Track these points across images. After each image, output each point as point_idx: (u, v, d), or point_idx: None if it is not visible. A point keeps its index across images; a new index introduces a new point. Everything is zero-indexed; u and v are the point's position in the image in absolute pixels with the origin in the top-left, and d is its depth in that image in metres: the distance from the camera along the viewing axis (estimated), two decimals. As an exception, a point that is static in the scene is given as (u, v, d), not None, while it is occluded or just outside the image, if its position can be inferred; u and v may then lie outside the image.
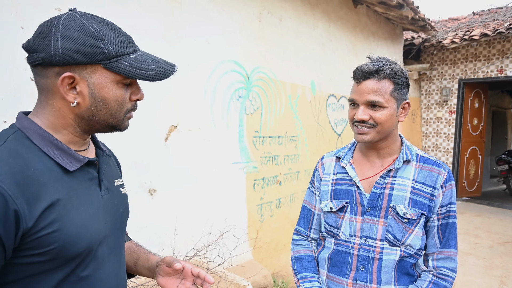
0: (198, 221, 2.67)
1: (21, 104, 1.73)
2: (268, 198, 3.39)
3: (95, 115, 0.73)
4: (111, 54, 0.70)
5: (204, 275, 0.86)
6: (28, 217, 0.63)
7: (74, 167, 0.72)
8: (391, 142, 1.15)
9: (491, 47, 6.13)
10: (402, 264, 1.12)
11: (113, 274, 0.81)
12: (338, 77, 4.40)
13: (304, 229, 1.32)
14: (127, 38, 0.74)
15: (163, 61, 0.77)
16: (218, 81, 2.83)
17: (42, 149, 0.69)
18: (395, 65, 1.09)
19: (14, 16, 1.71)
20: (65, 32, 0.67)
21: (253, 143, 3.19)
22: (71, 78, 0.69)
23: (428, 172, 1.11)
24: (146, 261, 0.95)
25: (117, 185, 0.88)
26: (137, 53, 0.75)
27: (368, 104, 1.08)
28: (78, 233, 0.69)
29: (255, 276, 2.77)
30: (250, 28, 3.13)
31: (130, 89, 0.76)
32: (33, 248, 0.65)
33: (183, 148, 2.55)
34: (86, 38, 0.68)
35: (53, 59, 0.67)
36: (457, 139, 6.63)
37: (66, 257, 0.69)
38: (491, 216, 5.71)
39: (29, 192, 0.64)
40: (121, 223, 0.86)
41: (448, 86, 6.67)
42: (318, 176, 1.28)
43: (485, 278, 3.44)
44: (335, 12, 4.27)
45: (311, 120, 3.97)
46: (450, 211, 1.11)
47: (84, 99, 0.71)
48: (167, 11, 2.42)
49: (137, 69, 0.72)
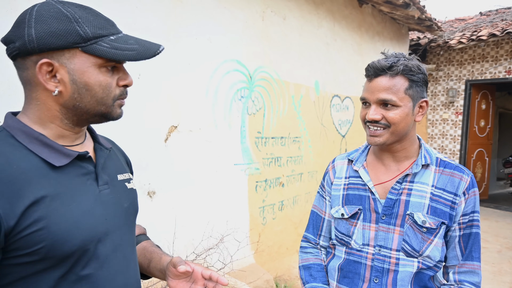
0: (199, 224, 2.61)
1: (16, 103, 1.68)
2: (270, 200, 3.33)
3: (80, 103, 0.70)
4: (88, 36, 0.67)
5: (217, 277, 0.82)
6: (10, 216, 0.61)
7: (62, 162, 0.69)
8: (408, 144, 1.07)
9: (499, 47, 6.03)
10: (419, 277, 1.04)
11: (120, 272, 0.77)
12: (342, 77, 4.33)
13: (313, 236, 1.24)
14: (106, 20, 0.71)
15: (147, 41, 0.74)
16: (220, 80, 2.77)
17: (27, 147, 0.67)
18: (411, 60, 1.01)
19: (10, 13, 1.66)
20: (38, 17, 0.65)
21: (256, 144, 3.13)
22: (50, 65, 0.66)
23: (449, 178, 1.04)
24: (158, 262, 0.91)
25: (121, 179, 0.84)
26: (118, 34, 0.72)
27: (380, 103, 1.00)
28: (68, 231, 0.67)
29: (257, 281, 2.71)
30: (253, 27, 3.07)
31: (116, 74, 0.73)
32: (20, 248, 0.63)
33: (184, 149, 2.50)
34: (60, 22, 0.65)
35: (28, 46, 0.65)
36: (464, 141, 6.53)
37: (58, 256, 0.66)
38: (499, 220, 5.61)
39: (9, 190, 0.62)
40: (126, 219, 0.82)
41: (455, 87, 6.56)
42: (329, 179, 1.21)
43: (494, 284, 3.35)
44: (339, 11, 4.21)
45: (314, 121, 3.91)
46: (473, 220, 1.03)
47: (65, 86, 0.68)
48: (168, 9, 2.36)
49: (118, 50, 0.69)
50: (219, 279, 0.82)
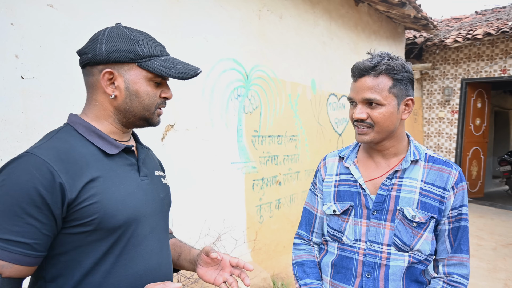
0: (196, 222, 2.62)
1: (12, 103, 1.68)
2: (267, 198, 3.34)
3: (130, 107, 0.85)
4: (145, 54, 0.84)
5: (244, 263, 0.92)
6: (72, 189, 0.75)
7: (113, 151, 0.84)
8: (396, 142, 1.09)
9: (494, 46, 6.06)
10: (411, 271, 1.06)
11: (155, 252, 0.88)
12: (339, 76, 4.34)
13: (305, 233, 1.26)
14: (159, 44, 0.89)
15: (188, 64, 0.90)
16: (217, 79, 2.77)
17: (87, 138, 0.83)
18: (395, 60, 1.03)
19: (5, 13, 1.66)
20: (109, 37, 0.83)
21: (252, 142, 3.14)
22: (111, 74, 0.82)
23: (438, 173, 1.06)
24: (188, 254, 1.03)
25: (158, 175, 0.98)
26: (167, 56, 0.88)
27: (365, 102, 1.03)
28: (116, 207, 0.79)
29: (254, 279, 2.72)
30: (250, 25, 3.07)
31: (160, 88, 0.89)
32: (77, 218, 0.76)
33: (180, 148, 2.50)
34: (124, 41, 0.83)
35: (98, 58, 0.82)
36: (459, 140, 6.57)
37: (107, 228, 0.78)
38: (494, 218, 5.65)
39: (72, 169, 0.76)
40: (162, 207, 0.94)
41: (451, 86, 6.60)
42: (320, 177, 1.23)
43: (488, 281, 3.38)
44: (336, 10, 4.22)
45: (311, 119, 3.92)
46: (462, 214, 1.06)
47: (120, 92, 0.84)
48: (165, 8, 2.36)
49: (166, 68, 0.85)
50: (245, 265, 0.92)
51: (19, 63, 1.69)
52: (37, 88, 1.75)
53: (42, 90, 1.77)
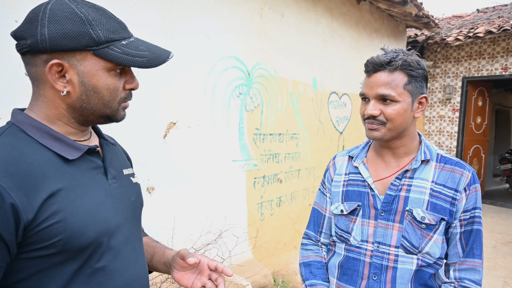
0: (197, 219, 2.63)
1: (16, 100, 1.69)
2: (268, 196, 3.35)
3: (87, 104, 0.70)
4: (101, 39, 0.66)
5: (222, 267, 0.84)
6: (28, 210, 0.61)
7: (74, 156, 0.70)
8: (408, 141, 1.06)
9: (495, 44, 6.05)
10: (419, 275, 1.02)
11: (131, 264, 0.78)
12: (340, 74, 4.34)
13: (314, 233, 1.24)
14: (119, 23, 0.71)
15: (157, 47, 0.73)
16: (218, 77, 2.78)
17: (39, 141, 0.67)
18: (411, 55, 1.00)
19: (8, 10, 1.67)
20: (52, 17, 0.64)
21: (254, 140, 3.15)
22: (60, 66, 0.66)
23: (449, 174, 1.02)
24: (162, 256, 0.92)
25: (127, 174, 0.85)
26: (130, 39, 0.71)
27: (378, 98, 0.99)
28: (84, 223, 0.67)
29: (255, 276, 2.73)
30: (251, 24, 3.07)
31: (123, 78, 0.73)
32: (38, 241, 0.63)
33: (182, 146, 2.51)
34: (74, 23, 0.64)
35: (40, 46, 0.64)
36: (460, 138, 6.57)
37: (75, 248, 0.66)
38: (494, 216, 5.66)
39: (26, 183, 0.61)
40: (134, 212, 0.83)
41: (452, 84, 6.59)
42: (329, 176, 1.20)
43: (488, 279, 3.40)
44: (337, 8, 4.21)
45: (312, 117, 3.93)
46: (474, 217, 1.01)
47: (74, 87, 0.68)
48: (166, 6, 2.37)
49: (129, 56, 0.68)
50: (224, 270, 0.83)
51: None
52: (41, 86, 1.76)
53: (45, 88, 1.78)
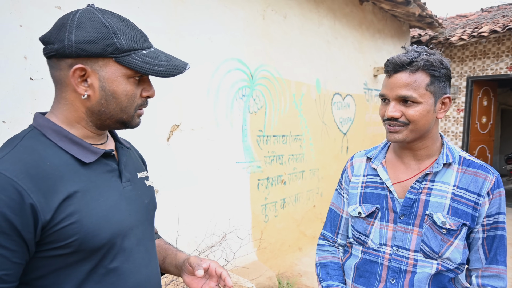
0: (201, 221, 2.64)
1: (21, 104, 1.70)
2: (272, 198, 3.35)
3: (105, 109, 0.73)
4: (123, 48, 0.70)
5: (225, 277, 0.86)
6: (46, 210, 0.64)
7: (90, 159, 0.73)
8: (430, 142, 1.02)
9: (500, 44, 6.01)
10: (438, 278, 1.00)
11: (143, 265, 0.81)
12: (343, 75, 4.33)
13: (330, 234, 1.22)
14: (141, 34, 0.75)
15: (175, 59, 0.77)
16: (222, 79, 2.79)
17: (58, 144, 0.71)
18: (433, 55, 0.97)
19: (13, 14, 1.68)
20: (79, 24, 0.68)
21: (257, 142, 3.15)
22: (83, 70, 0.70)
23: (472, 177, 0.99)
24: (173, 258, 0.95)
25: (141, 177, 0.88)
26: (150, 49, 0.75)
27: (399, 100, 0.96)
28: (99, 224, 0.70)
29: (259, 278, 2.73)
30: (254, 25, 3.08)
31: (141, 85, 0.77)
32: (54, 241, 0.66)
33: (186, 148, 2.52)
34: (99, 31, 0.69)
35: (66, 51, 0.68)
36: (465, 138, 6.52)
37: (89, 248, 0.69)
38: (501, 216, 5.61)
39: (45, 185, 0.65)
40: (147, 215, 0.86)
41: (456, 84, 6.56)
42: (347, 177, 1.18)
43: (495, 280, 3.36)
44: (340, 9, 4.21)
45: (316, 119, 3.92)
46: (498, 222, 0.99)
47: (94, 92, 0.72)
48: (169, 8, 2.38)
49: (148, 64, 0.72)
50: (225, 280, 0.86)
51: (28, 64, 1.71)
52: (45, 89, 1.77)
53: (50, 91, 1.79)
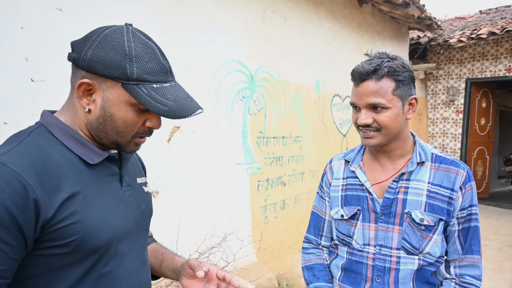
0: (201, 223, 2.64)
1: (22, 105, 1.71)
2: (272, 199, 3.35)
3: (102, 127, 0.73)
4: (133, 76, 0.69)
5: (230, 278, 0.85)
6: (49, 207, 0.64)
7: (94, 161, 0.74)
8: (402, 143, 1.08)
9: (499, 45, 6.04)
10: (421, 273, 1.05)
11: (135, 271, 0.81)
12: (343, 76, 4.35)
13: (314, 237, 1.25)
14: (161, 66, 0.72)
15: (187, 101, 0.73)
16: (222, 81, 2.79)
17: (64, 143, 0.72)
18: (395, 60, 1.01)
19: (14, 16, 1.69)
20: (101, 42, 0.69)
21: (257, 143, 3.16)
22: (89, 85, 0.71)
23: (445, 173, 1.04)
24: (171, 262, 0.94)
25: (140, 183, 0.89)
26: (164, 84, 0.72)
27: (369, 107, 1.01)
28: (98, 226, 0.70)
29: (259, 279, 2.73)
30: (254, 27, 3.09)
31: (146, 115, 0.75)
32: (53, 239, 0.66)
33: (186, 149, 2.52)
34: (116, 54, 0.68)
35: (80, 63, 0.70)
36: (464, 140, 6.54)
37: (86, 250, 0.69)
38: (500, 218, 5.62)
39: (49, 182, 0.65)
40: (143, 221, 0.86)
41: (455, 86, 6.58)
42: (327, 181, 1.21)
43: (494, 282, 3.37)
44: (339, 11, 4.22)
45: (315, 120, 3.93)
46: (471, 214, 1.04)
47: (95, 108, 0.72)
48: (169, 10, 2.39)
49: (152, 100, 0.70)
50: (231, 281, 0.85)
51: (29, 66, 1.72)
52: (46, 91, 1.78)
53: (51, 93, 1.80)
